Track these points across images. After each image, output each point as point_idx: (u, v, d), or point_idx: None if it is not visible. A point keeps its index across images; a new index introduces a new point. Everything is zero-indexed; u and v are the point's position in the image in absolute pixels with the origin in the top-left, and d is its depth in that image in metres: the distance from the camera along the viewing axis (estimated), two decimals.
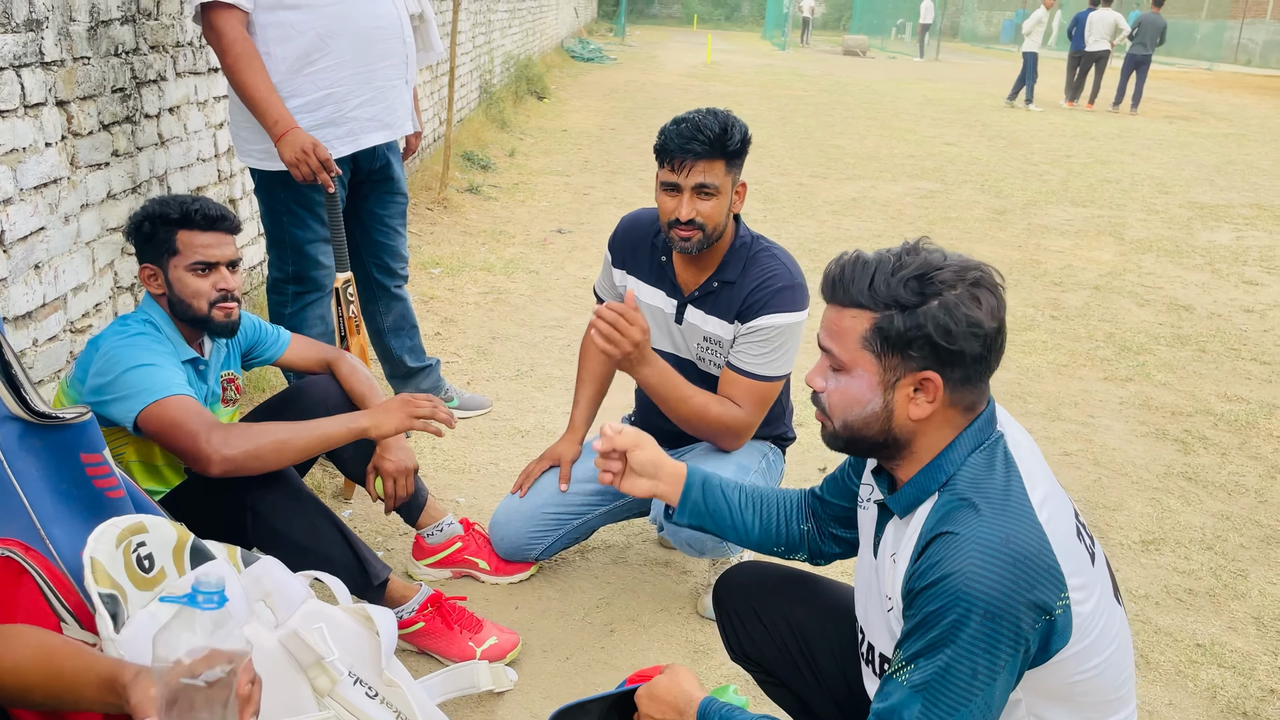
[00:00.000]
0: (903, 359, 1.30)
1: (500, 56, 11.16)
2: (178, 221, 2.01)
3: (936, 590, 1.20)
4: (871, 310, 1.30)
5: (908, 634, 1.24)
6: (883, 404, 1.32)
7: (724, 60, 21.06)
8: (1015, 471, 1.29)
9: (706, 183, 2.11)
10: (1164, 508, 3.07)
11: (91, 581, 1.47)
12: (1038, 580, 1.19)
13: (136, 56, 2.79)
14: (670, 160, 2.12)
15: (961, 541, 1.21)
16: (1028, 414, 3.71)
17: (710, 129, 2.09)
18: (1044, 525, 1.24)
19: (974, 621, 1.17)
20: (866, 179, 8.35)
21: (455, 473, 3.05)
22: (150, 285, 2.08)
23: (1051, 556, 1.21)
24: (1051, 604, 1.20)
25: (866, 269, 1.31)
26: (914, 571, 1.25)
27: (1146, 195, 8.19)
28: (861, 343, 1.31)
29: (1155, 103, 15.96)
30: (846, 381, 1.34)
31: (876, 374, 1.32)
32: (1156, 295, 5.35)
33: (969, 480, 1.28)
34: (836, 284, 1.33)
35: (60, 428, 1.55)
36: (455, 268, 5.09)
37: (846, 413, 1.35)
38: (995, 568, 1.18)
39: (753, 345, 2.23)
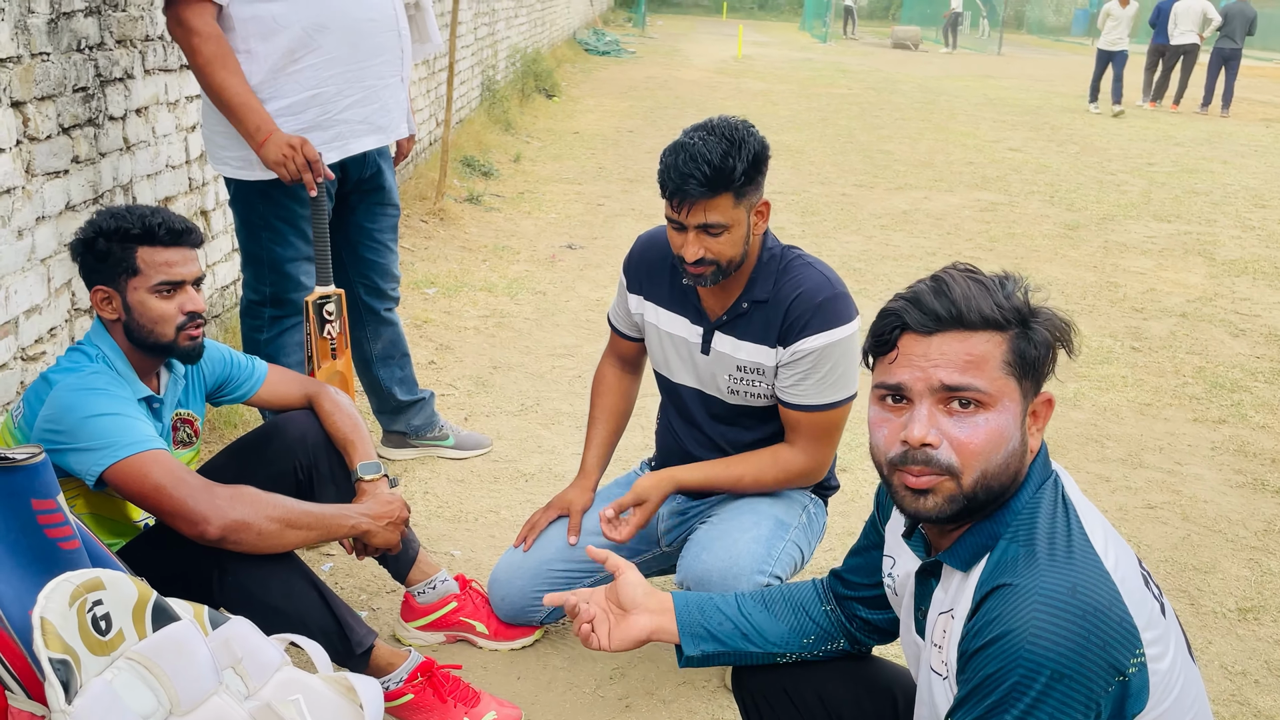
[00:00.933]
0: (1036, 382, 1.30)
1: (505, 50, 11.30)
2: (138, 237, 2.03)
3: (995, 650, 1.19)
4: (1003, 330, 1.28)
5: (962, 700, 1.23)
6: (1020, 439, 1.30)
7: (757, 54, 21.22)
8: (1074, 513, 1.30)
9: (711, 222, 2.10)
10: (1264, 570, 3.04)
11: (41, 645, 1.49)
12: (1110, 636, 1.18)
13: (101, 52, 2.85)
14: (669, 196, 2.11)
15: (1022, 594, 1.21)
16: (1105, 460, 3.70)
17: (708, 162, 2.03)
18: (1112, 573, 1.23)
19: (1039, 684, 1.16)
20: (919, 189, 8.39)
21: (450, 522, 3.06)
22: (103, 310, 2.09)
23: (1123, 608, 1.21)
24: (1125, 663, 1.19)
25: (981, 287, 1.30)
26: (969, 630, 1.25)
27: (1240, 209, 8.19)
28: (1004, 368, 1.28)
29: (1248, 103, 15.96)
30: (988, 420, 1.28)
31: (1019, 403, 1.30)
32: (1253, 324, 5.33)
33: (1029, 524, 1.28)
34: (960, 305, 1.28)
35: (10, 469, 1.57)
36: (452, 287, 5.13)
37: (989, 460, 1.28)
38: (1062, 623, 1.17)
39: (803, 372, 2.22)
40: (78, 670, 1.53)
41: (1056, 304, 1.37)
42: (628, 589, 1.68)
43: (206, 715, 1.64)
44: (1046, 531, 1.28)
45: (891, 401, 1.33)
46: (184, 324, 2.09)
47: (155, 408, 2.19)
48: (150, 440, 2.01)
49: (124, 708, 1.54)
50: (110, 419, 2.00)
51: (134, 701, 1.57)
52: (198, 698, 1.64)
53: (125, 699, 1.56)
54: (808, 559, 2.37)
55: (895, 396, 1.32)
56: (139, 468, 1.97)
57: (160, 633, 1.64)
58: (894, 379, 1.31)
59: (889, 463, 1.34)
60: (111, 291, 2.07)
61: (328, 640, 2.06)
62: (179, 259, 2.07)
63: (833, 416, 2.26)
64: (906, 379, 1.30)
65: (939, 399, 1.29)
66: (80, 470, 1.98)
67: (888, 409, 1.34)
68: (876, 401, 1.36)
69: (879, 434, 1.35)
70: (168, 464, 2.00)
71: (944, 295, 1.29)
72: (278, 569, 2.09)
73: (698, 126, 2.12)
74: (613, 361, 2.61)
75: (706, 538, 2.26)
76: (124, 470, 1.97)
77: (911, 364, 1.30)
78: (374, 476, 2.33)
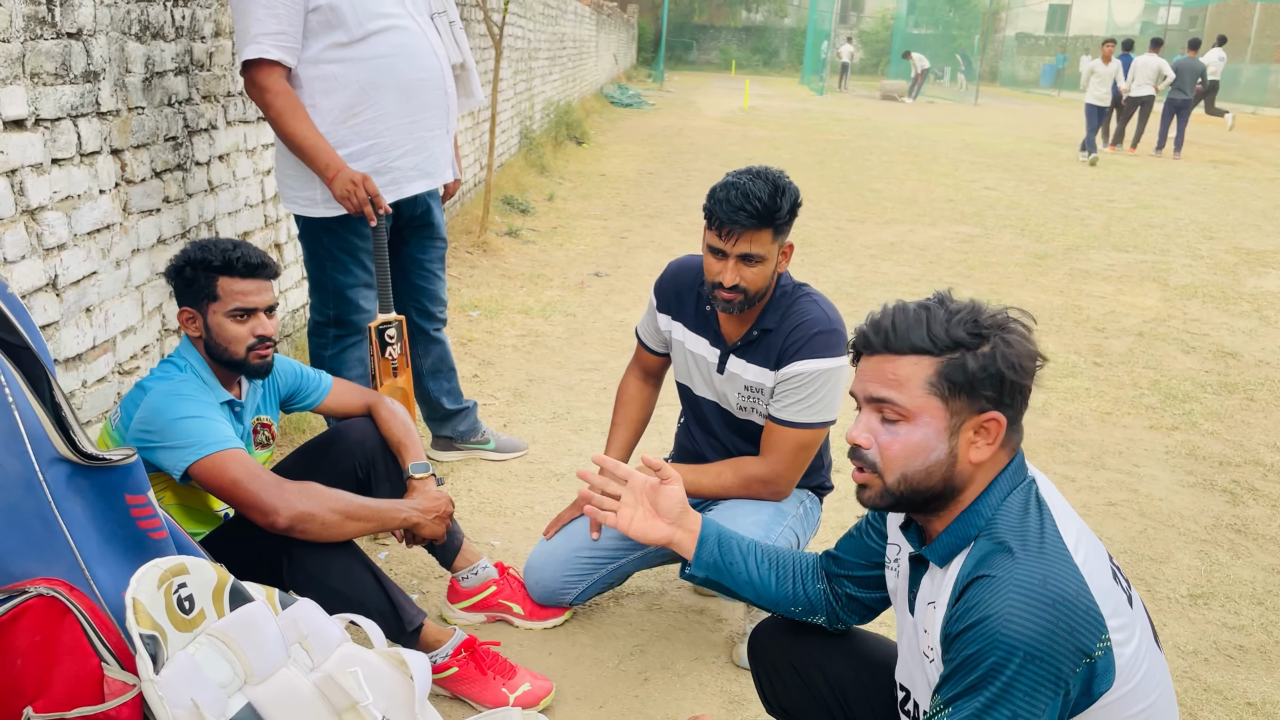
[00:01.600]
0: (969, 401, 1.30)
1: (540, 103, 11.34)
2: (219, 268, 2.05)
3: (975, 633, 1.19)
4: (934, 354, 1.30)
5: (946, 678, 1.23)
6: (947, 451, 1.31)
7: (762, 105, 21.22)
8: (1048, 514, 1.29)
9: (753, 253, 2.11)
10: (1213, 560, 3.00)
11: (133, 622, 1.50)
12: (1077, 622, 1.18)
13: (189, 106, 2.88)
14: (718, 226, 2.12)
15: (999, 584, 1.21)
16: (1071, 462, 3.66)
17: (759, 199, 2.06)
18: (1080, 567, 1.23)
19: (1014, 665, 1.16)
20: (905, 223, 8.35)
21: (491, 516, 3.06)
22: (188, 328, 2.12)
23: (1090, 598, 1.20)
24: (1091, 646, 1.18)
25: (919, 315, 1.31)
26: (951, 616, 1.25)
27: (1191, 240, 8.10)
28: (927, 388, 1.30)
29: (1198, 147, 15.82)
30: (907, 431, 1.31)
31: (943, 419, 1.31)
32: (1202, 342, 5.27)
33: (1004, 524, 1.28)
34: (889, 333, 1.32)
35: (107, 469, 1.59)
36: (493, 310, 5.14)
37: (907, 465, 1.32)
38: (1034, 610, 1.17)
39: (790, 393, 2.22)
40: (164, 645, 1.54)
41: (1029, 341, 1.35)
42: (667, 499, 1.67)
43: (276, 684, 1.65)
44: (1020, 530, 1.28)
45: (856, 408, 1.38)
46: (254, 345, 2.10)
47: (237, 411, 2.20)
48: (229, 440, 2.03)
49: (204, 678, 1.55)
50: (195, 420, 2.01)
51: (213, 672, 1.58)
52: (269, 669, 1.65)
53: (206, 670, 1.57)
54: (804, 546, 2.35)
55: (857, 404, 1.38)
56: (219, 464, 1.99)
57: (236, 612, 1.65)
58: (852, 388, 1.39)
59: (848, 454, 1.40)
60: (195, 312, 2.09)
61: (382, 619, 2.06)
62: (253, 289, 2.09)
63: (803, 435, 2.24)
64: (855, 389, 1.37)
65: (873, 408, 1.34)
66: (168, 466, 2.00)
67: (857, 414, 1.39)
68: None
69: None
70: (244, 461, 2.01)
71: (881, 324, 1.34)
72: (339, 556, 2.09)
73: (743, 171, 2.13)
74: (636, 373, 2.61)
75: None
76: (206, 466, 1.98)
77: (859, 377, 1.37)
78: (423, 475, 2.34)
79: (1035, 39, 39.67)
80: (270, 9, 2.51)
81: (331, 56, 2.62)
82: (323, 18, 2.59)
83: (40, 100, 2.16)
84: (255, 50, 2.51)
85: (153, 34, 2.64)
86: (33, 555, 1.51)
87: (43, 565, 1.51)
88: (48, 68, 2.18)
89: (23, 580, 1.50)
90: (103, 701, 1.49)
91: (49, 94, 2.19)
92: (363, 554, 2.13)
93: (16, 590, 1.49)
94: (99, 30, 2.37)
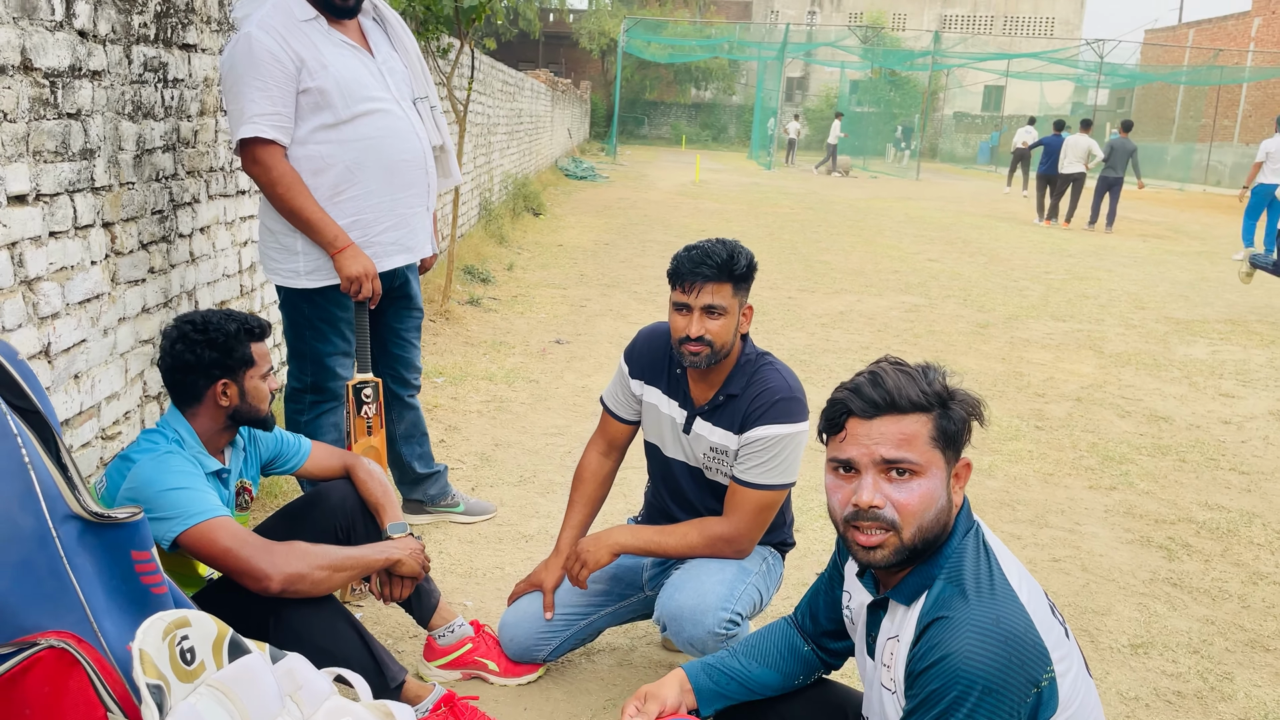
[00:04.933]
0: (956, 450, 1.44)
1: (499, 175, 11.56)
2: (255, 334, 2.18)
3: (937, 670, 1.31)
4: (928, 411, 1.42)
5: (910, 712, 1.34)
6: (947, 498, 1.44)
7: (712, 179, 21.72)
8: (994, 557, 1.43)
9: (714, 304, 2.26)
10: (1151, 613, 3.15)
11: (140, 672, 1.56)
12: (1027, 656, 1.31)
13: (174, 181, 2.98)
14: (682, 282, 2.28)
15: (957, 625, 1.33)
16: (1016, 521, 3.82)
17: (719, 255, 2.25)
18: (1026, 605, 1.36)
19: (974, 697, 1.28)
20: (853, 293, 8.61)
21: (462, 577, 3.13)
22: (221, 400, 2.18)
23: (1036, 634, 1.33)
24: (1039, 677, 1.31)
25: (908, 377, 1.44)
26: (914, 654, 1.36)
27: (1124, 310, 8.45)
28: (931, 443, 1.42)
29: (1129, 222, 16.51)
30: (921, 484, 1.41)
31: (945, 469, 1.43)
32: (1137, 407, 5.52)
33: (959, 567, 1.41)
34: (889, 394, 1.42)
35: (116, 526, 1.66)
36: (458, 377, 5.23)
37: (923, 516, 1.42)
38: (989, 647, 1.30)
39: (753, 456, 2.35)
40: (168, 694, 1.59)
41: (971, 390, 1.50)
42: None
43: None
44: (973, 574, 1.41)
45: (843, 472, 1.46)
46: (272, 399, 2.22)
47: (224, 478, 2.27)
48: (217, 509, 2.09)
49: None
50: (182, 492, 2.07)
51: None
52: (266, 719, 1.71)
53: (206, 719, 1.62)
54: (767, 602, 2.46)
55: (845, 468, 1.46)
56: (209, 533, 2.05)
57: (235, 663, 1.71)
58: (844, 455, 1.45)
59: (843, 520, 1.46)
60: (230, 382, 2.17)
61: (366, 675, 2.11)
62: (269, 349, 2.22)
63: (765, 496, 2.35)
64: (855, 454, 1.43)
65: (880, 469, 1.42)
66: (158, 535, 2.05)
67: (840, 478, 1.47)
68: (831, 472, 1.49)
69: (834, 498, 1.48)
70: (232, 529, 2.08)
71: (880, 386, 1.43)
72: (324, 615, 2.15)
73: (704, 240, 2.32)
74: (600, 446, 2.67)
75: (680, 580, 2.34)
76: (195, 535, 2.04)
77: (858, 442, 1.43)
78: (401, 536, 2.41)
79: (972, 118, 41.18)
80: (264, 91, 2.64)
81: (320, 137, 2.75)
82: (312, 100, 2.72)
83: (41, 176, 2.26)
84: (252, 130, 2.64)
85: (144, 113, 2.75)
86: (44, 608, 1.57)
87: (53, 618, 1.57)
88: (49, 146, 2.28)
89: (33, 633, 1.56)
90: None
91: (49, 170, 2.29)
92: (347, 612, 2.20)
93: (27, 643, 1.54)
94: (96, 110, 2.49)
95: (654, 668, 2.67)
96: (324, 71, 2.73)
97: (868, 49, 33.34)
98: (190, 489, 2.08)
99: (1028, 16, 42.80)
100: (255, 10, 2.74)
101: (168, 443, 2.16)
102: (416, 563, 2.34)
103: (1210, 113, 33.88)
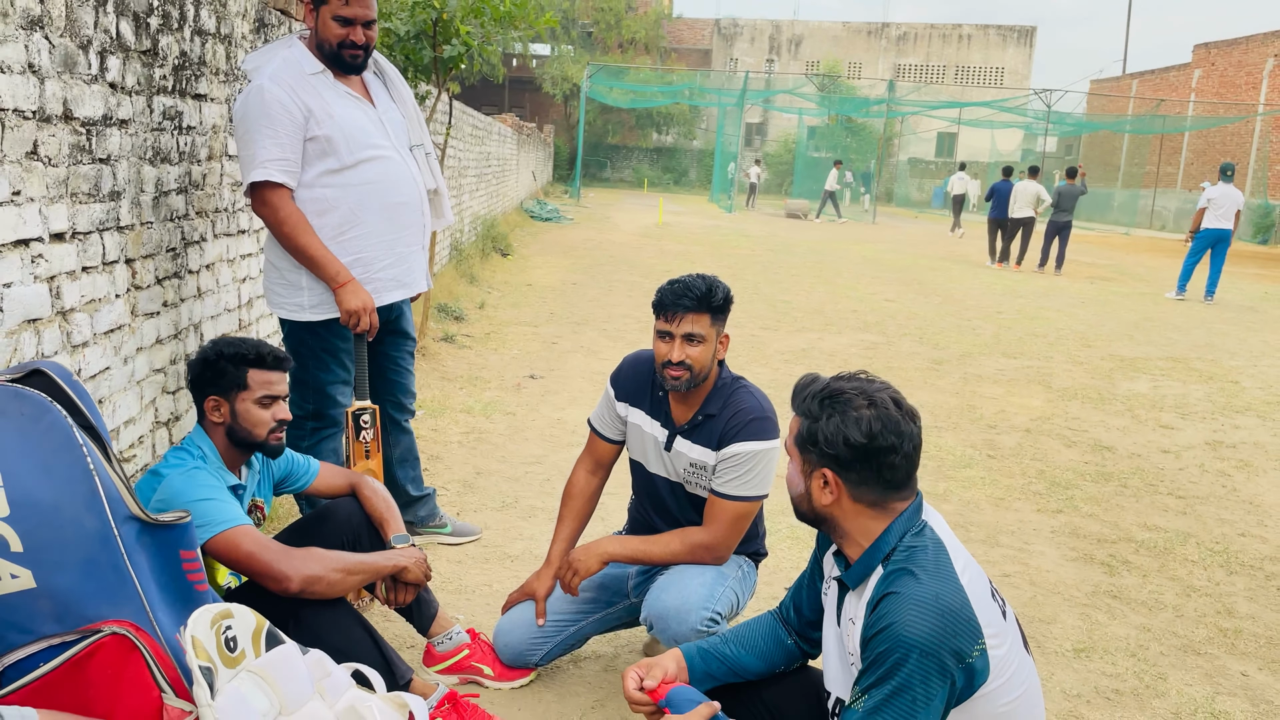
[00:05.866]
0: (813, 456, 1.75)
1: (469, 217, 11.81)
2: (252, 361, 2.36)
3: (883, 636, 1.56)
4: (799, 416, 1.78)
5: (863, 672, 1.59)
6: (805, 488, 1.78)
7: (675, 221, 22.12)
8: (942, 547, 1.68)
9: (694, 332, 2.51)
10: (1093, 621, 3.41)
11: (193, 656, 1.75)
12: (960, 629, 1.56)
13: (186, 221, 3.19)
14: (665, 312, 2.52)
15: (903, 599, 1.58)
16: (970, 541, 4.08)
17: (698, 288, 2.50)
18: (965, 587, 1.61)
19: (912, 660, 1.53)
20: (814, 331, 8.93)
21: (453, 594, 3.31)
22: (213, 415, 2.40)
23: (971, 611, 1.58)
24: (970, 649, 1.55)
25: (804, 387, 1.80)
26: (868, 625, 1.61)
27: (1071, 348, 8.84)
28: (794, 439, 1.79)
29: (1077, 264, 17.10)
30: (790, 466, 1.81)
31: (799, 464, 1.79)
32: (1082, 437, 5.83)
33: (905, 555, 1.66)
34: (793, 397, 1.82)
35: (168, 527, 1.85)
36: (437, 410, 5.42)
37: (790, 489, 1.82)
38: (928, 618, 1.55)
39: (729, 470, 2.58)
40: (216, 676, 1.78)
41: (927, 422, 1.80)
42: None
43: (306, 714, 1.89)
44: (920, 559, 1.65)
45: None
46: (274, 428, 2.39)
47: (239, 494, 2.46)
48: (240, 518, 2.29)
49: (249, 707, 1.80)
50: (209, 502, 2.27)
51: (255, 703, 1.82)
52: (299, 702, 1.90)
53: (249, 701, 1.81)
54: (743, 605, 2.68)
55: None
56: (234, 539, 2.24)
57: (272, 651, 1.90)
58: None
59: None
60: (221, 400, 2.37)
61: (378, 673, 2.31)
62: (276, 379, 2.39)
63: (741, 507, 2.58)
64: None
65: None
66: None
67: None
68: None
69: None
70: (254, 535, 2.27)
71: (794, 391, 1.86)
72: (339, 617, 2.35)
73: (685, 275, 2.58)
74: (587, 465, 2.89)
75: (665, 583, 2.56)
76: (222, 541, 2.23)
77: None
78: (404, 547, 2.61)
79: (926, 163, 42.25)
80: (275, 138, 2.87)
81: (325, 181, 2.98)
82: (319, 147, 2.95)
83: (77, 216, 2.46)
84: (263, 174, 2.86)
85: (162, 158, 2.96)
86: (106, 600, 1.76)
87: (114, 608, 1.76)
88: (84, 188, 2.49)
89: (96, 621, 1.74)
90: None
91: (84, 210, 2.49)
92: (360, 616, 2.39)
93: (91, 630, 1.73)
94: (123, 155, 2.69)
95: None
96: (330, 121, 2.96)
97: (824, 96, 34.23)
98: (216, 500, 2.27)
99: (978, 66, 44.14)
100: (265, 64, 2.97)
101: (193, 459, 2.36)
102: (421, 570, 2.54)
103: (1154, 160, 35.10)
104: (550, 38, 40.16)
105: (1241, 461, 5.51)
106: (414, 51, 6.19)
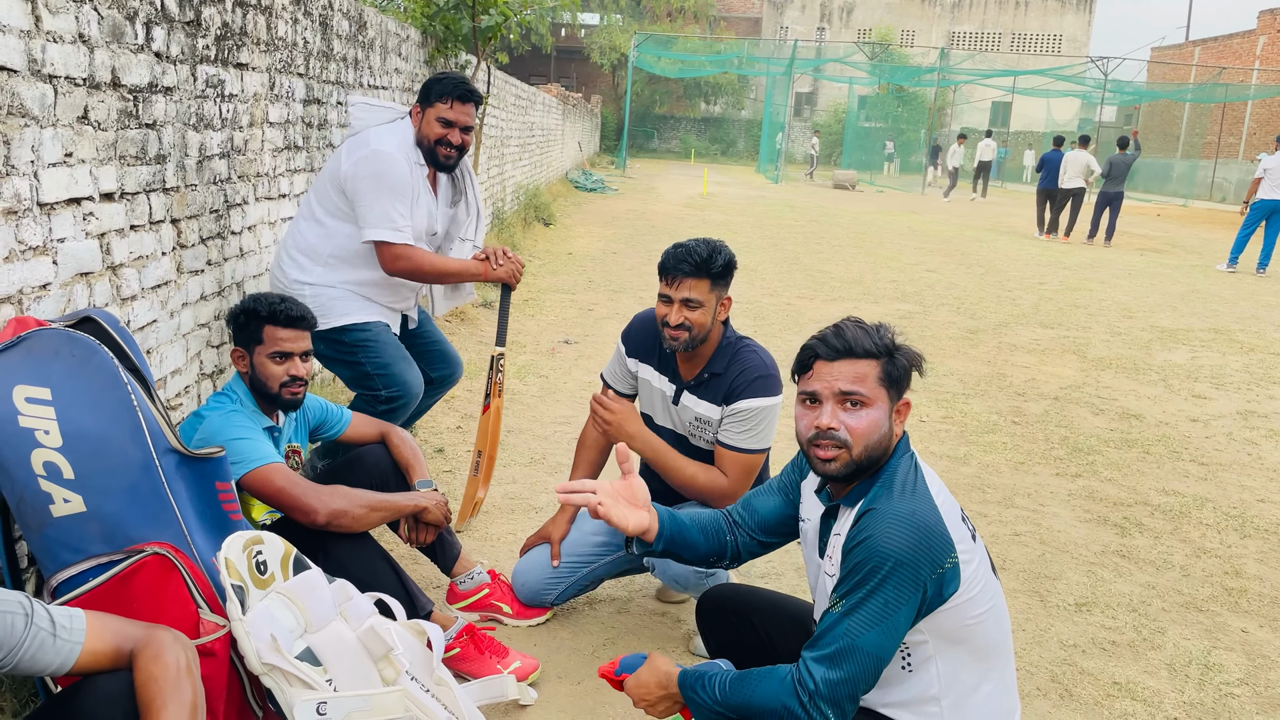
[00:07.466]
0: (898, 390, 1.84)
1: (511, 186, 11.97)
2: (266, 317, 2.53)
3: (862, 548, 1.71)
4: (877, 358, 1.82)
5: (842, 579, 1.73)
6: (889, 427, 1.83)
7: (719, 192, 22.12)
8: (921, 474, 1.81)
9: (692, 297, 2.63)
10: (1098, 578, 3.50)
11: (226, 575, 1.93)
12: (934, 542, 1.69)
13: (229, 184, 3.37)
14: (666, 275, 2.66)
15: (881, 515, 1.73)
16: (986, 502, 4.17)
17: (699, 254, 2.62)
18: (940, 508, 1.74)
19: (887, 568, 1.67)
20: (850, 300, 8.97)
21: (479, 540, 3.49)
22: (239, 364, 2.59)
23: (944, 528, 1.72)
24: (942, 561, 1.69)
25: (864, 331, 1.84)
26: (849, 538, 1.75)
27: (1111, 319, 8.79)
28: (879, 382, 1.82)
29: (1129, 236, 16.84)
30: (869, 413, 1.81)
31: (888, 404, 1.83)
32: (1111, 406, 5.86)
33: (890, 477, 1.79)
34: (847, 344, 1.82)
35: (205, 460, 2.04)
36: (473, 373, 5.59)
37: (869, 437, 1.81)
38: (904, 532, 1.68)
39: (735, 424, 2.72)
40: (247, 595, 1.97)
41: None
42: (642, 490, 2.11)
43: (329, 634, 2.07)
44: (900, 482, 1.80)
45: (809, 403, 1.86)
46: (287, 383, 2.56)
47: (275, 436, 2.65)
48: (273, 455, 2.47)
49: (278, 622, 1.98)
50: (245, 441, 2.46)
51: (283, 620, 2.01)
52: (323, 622, 2.08)
53: (277, 618, 1.99)
54: None
55: (811, 399, 1.86)
56: (266, 474, 2.43)
57: (300, 575, 2.08)
58: (810, 388, 1.86)
59: (807, 441, 1.86)
60: (244, 352, 2.56)
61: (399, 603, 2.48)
62: (290, 337, 2.56)
63: (749, 460, 2.72)
64: (818, 388, 1.84)
65: (837, 400, 1.82)
66: None
67: (807, 408, 1.87)
68: (799, 404, 1.90)
69: (801, 424, 1.89)
70: (285, 472, 2.45)
71: (841, 336, 1.84)
72: (364, 550, 2.53)
73: (690, 239, 2.69)
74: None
75: None
76: (256, 477, 2.42)
77: (821, 379, 1.84)
78: (427, 490, 2.79)
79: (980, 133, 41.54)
80: (403, 208, 3.21)
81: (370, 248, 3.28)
82: None
83: (125, 177, 2.64)
84: (399, 237, 3.22)
85: (205, 124, 3.14)
86: (148, 524, 1.94)
87: (155, 531, 1.95)
88: (131, 151, 2.67)
89: (140, 543, 1.93)
90: (198, 637, 1.91)
91: (132, 172, 2.68)
92: (384, 550, 2.58)
93: (135, 550, 1.92)
94: (168, 121, 2.87)
95: (648, 614, 3.03)
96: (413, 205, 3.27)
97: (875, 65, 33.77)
98: (251, 439, 2.46)
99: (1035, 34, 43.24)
100: (378, 127, 3.31)
101: (232, 403, 2.55)
102: (441, 512, 2.71)
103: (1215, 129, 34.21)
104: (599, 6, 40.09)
105: (1271, 431, 5.51)
106: (453, 21, 6.34)
